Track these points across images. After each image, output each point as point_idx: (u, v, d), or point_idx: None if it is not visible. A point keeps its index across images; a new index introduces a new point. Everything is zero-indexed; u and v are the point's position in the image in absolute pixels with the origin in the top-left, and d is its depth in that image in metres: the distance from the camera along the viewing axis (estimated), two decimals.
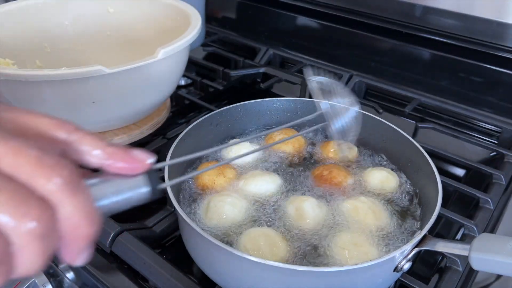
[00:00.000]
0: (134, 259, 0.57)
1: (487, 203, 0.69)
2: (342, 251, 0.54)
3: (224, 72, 1.06)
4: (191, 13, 0.82)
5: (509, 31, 0.87)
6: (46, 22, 0.88)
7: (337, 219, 0.60)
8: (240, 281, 0.51)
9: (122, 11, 0.93)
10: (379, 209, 0.61)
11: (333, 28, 1.12)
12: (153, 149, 0.79)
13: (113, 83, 0.65)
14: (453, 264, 0.59)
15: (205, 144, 0.73)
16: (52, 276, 0.64)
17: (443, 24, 0.95)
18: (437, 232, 0.69)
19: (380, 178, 0.66)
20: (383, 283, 0.54)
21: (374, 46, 1.07)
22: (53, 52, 0.89)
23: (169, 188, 0.55)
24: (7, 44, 0.80)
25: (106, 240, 0.60)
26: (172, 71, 0.75)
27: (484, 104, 0.95)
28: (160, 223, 0.65)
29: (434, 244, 0.51)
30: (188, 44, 0.73)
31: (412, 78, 1.03)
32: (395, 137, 0.71)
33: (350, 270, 0.47)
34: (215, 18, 1.34)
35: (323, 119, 0.58)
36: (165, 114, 0.85)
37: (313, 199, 0.61)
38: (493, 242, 0.47)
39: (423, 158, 0.64)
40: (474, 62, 0.95)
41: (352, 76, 1.04)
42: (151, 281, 0.57)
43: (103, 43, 0.93)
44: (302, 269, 0.45)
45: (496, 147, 0.84)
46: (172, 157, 0.60)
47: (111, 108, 0.70)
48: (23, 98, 0.66)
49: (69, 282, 0.62)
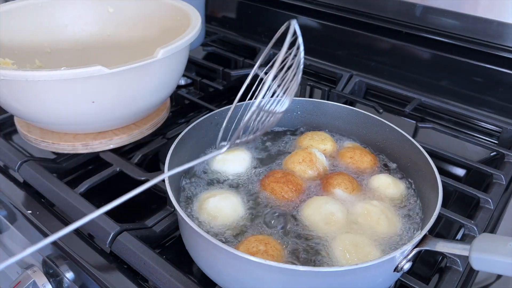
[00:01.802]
0: (134, 259, 0.57)
1: (487, 203, 0.69)
2: (343, 252, 0.54)
3: (224, 72, 1.06)
4: (191, 13, 0.82)
5: (509, 31, 0.87)
6: (46, 22, 0.88)
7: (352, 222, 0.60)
8: (240, 281, 0.51)
9: (122, 11, 0.93)
10: (391, 213, 0.61)
11: (333, 28, 1.12)
12: (152, 149, 0.79)
13: (113, 83, 0.65)
14: (453, 264, 0.59)
15: (205, 144, 0.73)
16: (52, 276, 0.64)
17: (443, 24, 0.94)
18: (437, 232, 0.69)
19: (383, 184, 0.66)
20: (383, 283, 0.54)
21: (374, 46, 1.07)
22: (53, 52, 0.89)
23: (169, 188, 0.55)
24: (7, 44, 0.80)
25: (106, 240, 0.60)
26: (172, 71, 0.75)
27: (484, 104, 0.95)
28: (160, 223, 0.65)
29: (434, 244, 0.51)
30: (188, 44, 0.73)
31: (412, 78, 1.03)
32: (395, 137, 0.71)
33: (350, 270, 0.47)
34: (215, 18, 1.34)
35: None
36: (165, 114, 0.85)
37: (333, 200, 0.61)
38: (493, 242, 0.47)
39: (423, 158, 0.63)
40: (474, 62, 0.94)
41: (352, 76, 1.04)
42: (151, 281, 0.57)
43: (103, 43, 0.93)
44: (302, 269, 0.45)
45: (496, 147, 0.84)
46: (172, 157, 0.60)
47: (111, 108, 0.70)
48: (23, 98, 0.66)
49: (69, 282, 0.62)
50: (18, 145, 0.84)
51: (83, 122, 0.71)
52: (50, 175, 0.70)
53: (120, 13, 0.93)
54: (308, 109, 0.79)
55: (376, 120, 0.73)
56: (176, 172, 0.51)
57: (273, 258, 0.52)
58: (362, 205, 0.61)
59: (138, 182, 0.71)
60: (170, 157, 0.60)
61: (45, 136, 0.76)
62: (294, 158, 0.69)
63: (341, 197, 0.63)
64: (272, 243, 0.54)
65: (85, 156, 0.78)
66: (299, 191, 0.64)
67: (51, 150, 0.76)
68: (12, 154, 0.75)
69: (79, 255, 0.60)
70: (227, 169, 0.68)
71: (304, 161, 0.68)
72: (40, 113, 0.68)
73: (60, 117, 0.69)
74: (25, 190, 0.72)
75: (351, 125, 0.77)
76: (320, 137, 0.75)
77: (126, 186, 0.75)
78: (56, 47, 0.89)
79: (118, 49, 0.93)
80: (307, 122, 0.80)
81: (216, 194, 0.62)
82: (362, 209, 0.60)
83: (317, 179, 0.68)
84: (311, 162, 0.68)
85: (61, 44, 0.90)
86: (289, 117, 0.79)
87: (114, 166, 0.74)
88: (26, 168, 0.72)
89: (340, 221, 0.59)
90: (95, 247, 0.62)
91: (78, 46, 0.92)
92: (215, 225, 0.58)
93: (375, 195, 0.65)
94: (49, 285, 0.63)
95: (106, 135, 0.76)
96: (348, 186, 0.64)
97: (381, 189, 0.65)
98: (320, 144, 0.74)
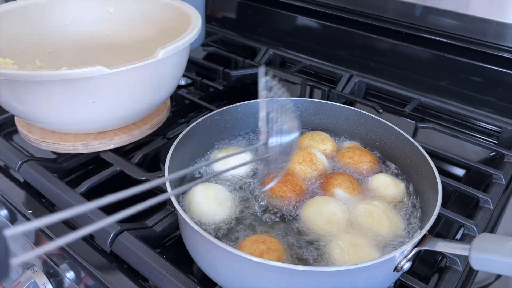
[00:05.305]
0: (134, 259, 0.57)
1: (487, 203, 0.69)
2: (342, 252, 0.54)
3: (224, 72, 1.06)
4: (191, 13, 0.82)
5: (509, 31, 0.87)
6: (46, 22, 0.88)
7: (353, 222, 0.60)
8: (240, 281, 0.51)
9: (122, 11, 0.93)
10: (393, 213, 0.61)
11: (333, 28, 1.12)
12: (153, 149, 0.80)
13: (113, 83, 0.65)
14: (453, 264, 0.59)
15: (205, 144, 0.73)
16: (52, 276, 0.64)
17: (443, 24, 0.95)
18: (437, 232, 0.69)
19: (383, 184, 0.66)
20: (383, 282, 0.54)
21: (374, 46, 1.07)
22: (53, 52, 0.89)
23: (169, 188, 0.55)
24: (7, 44, 0.80)
25: (107, 240, 0.60)
26: (172, 71, 0.75)
27: (484, 104, 0.95)
28: (160, 223, 0.65)
29: (434, 244, 0.51)
30: (188, 44, 0.73)
31: (412, 78, 1.03)
32: (395, 137, 0.71)
33: (350, 270, 0.47)
34: (215, 18, 1.34)
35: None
36: (165, 114, 0.85)
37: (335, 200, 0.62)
38: (493, 242, 0.47)
39: (423, 158, 0.64)
40: (474, 62, 0.95)
41: (352, 76, 1.04)
42: (151, 281, 0.57)
43: (103, 43, 0.93)
44: (302, 269, 0.45)
45: (496, 147, 0.84)
46: (172, 157, 0.61)
47: (111, 108, 0.70)
48: (23, 98, 0.66)
49: (69, 282, 0.62)
50: (19, 145, 0.84)
51: (83, 122, 0.71)
52: (50, 175, 0.70)
53: (120, 13, 0.93)
54: (308, 109, 0.79)
55: (376, 120, 0.74)
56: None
57: (275, 252, 0.52)
58: (363, 205, 0.61)
59: (138, 182, 0.71)
60: (170, 157, 0.60)
61: (45, 136, 0.76)
62: (294, 158, 0.69)
63: (342, 197, 0.63)
64: (269, 239, 0.54)
65: (85, 156, 0.78)
66: (298, 191, 0.64)
67: (52, 150, 0.77)
68: (12, 154, 0.75)
69: (79, 254, 0.60)
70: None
71: (304, 161, 0.68)
72: (40, 113, 0.68)
73: (61, 117, 0.69)
74: (26, 190, 0.72)
75: (351, 125, 0.77)
76: (320, 137, 0.75)
77: (127, 186, 0.75)
78: (56, 47, 0.89)
79: (118, 49, 0.93)
80: (307, 122, 0.80)
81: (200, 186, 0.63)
82: (364, 209, 0.60)
83: (317, 179, 0.68)
84: (311, 162, 0.68)
85: (61, 44, 0.90)
86: None
87: (114, 166, 0.74)
88: (27, 168, 0.72)
89: (341, 221, 0.59)
90: (96, 247, 0.62)
91: (78, 46, 0.92)
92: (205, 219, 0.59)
93: (375, 195, 0.65)
94: (49, 284, 0.63)
95: (106, 135, 0.76)
96: (348, 186, 0.64)
97: (381, 189, 0.65)
98: (320, 144, 0.74)
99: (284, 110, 0.55)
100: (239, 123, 0.77)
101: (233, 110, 0.75)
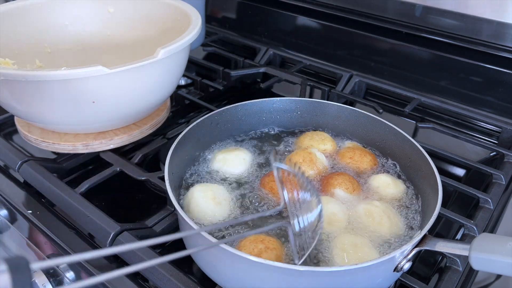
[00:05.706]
0: (134, 259, 0.57)
1: (487, 203, 0.69)
2: (342, 252, 0.54)
3: (224, 72, 1.06)
4: (191, 13, 0.82)
5: (509, 31, 0.87)
6: (46, 22, 0.88)
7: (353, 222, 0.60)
8: (240, 281, 0.51)
9: (122, 11, 0.93)
10: (393, 213, 0.61)
11: (333, 28, 1.12)
12: (153, 149, 0.80)
13: (113, 83, 0.65)
14: (453, 264, 0.59)
15: (205, 144, 0.73)
16: (52, 276, 0.64)
17: (443, 24, 0.95)
18: (437, 232, 0.69)
19: (383, 184, 0.66)
20: (383, 282, 0.54)
21: (374, 46, 1.07)
22: (53, 52, 0.89)
23: (169, 188, 0.55)
24: (7, 44, 0.80)
25: (106, 240, 0.60)
26: (172, 71, 0.75)
27: (484, 104, 0.95)
28: (160, 223, 0.65)
29: (434, 244, 0.51)
30: (188, 44, 0.73)
31: (412, 78, 1.03)
32: (395, 137, 0.71)
33: (350, 270, 0.47)
34: (215, 18, 1.34)
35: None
36: (165, 114, 0.85)
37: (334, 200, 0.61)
38: (493, 242, 0.47)
39: (423, 158, 0.64)
40: (474, 62, 0.95)
41: (352, 76, 1.04)
42: (151, 281, 0.57)
43: (103, 43, 0.93)
44: (302, 269, 0.45)
45: (496, 147, 0.84)
46: (172, 157, 0.61)
47: (111, 108, 0.70)
48: (23, 98, 0.66)
49: (69, 282, 0.62)
50: (19, 145, 0.84)
51: (83, 122, 0.71)
52: (50, 175, 0.70)
53: (120, 13, 0.93)
54: (308, 109, 0.79)
55: (376, 120, 0.74)
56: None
57: (274, 251, 0.52)
58: (363, 205, 0.61)
59: (138, 182, 0.71)
60: (170, 157, 0.60)
61: (45, 136, 0.76)
62: (295, 158, 0.69)
63: (342, 197, 0.63)
64: (267, 238, 0.54)
65: (85, 156, 0.78)
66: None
67: (52, 150, 0.77)
68: (12, 154, 0.75)
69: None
70: (227, 168, 0.68)
71: (304, 161, 0.68)
72: (40, 113, 0.68)
73: (60, 117, 0.69)
74: (26, 190, 0.72)
75: (351, 125, 0.77)
76: (320, 137, 0.75)
77: (126, 186, 0.75)
78: (56, 47, 0.89)
79: (118, 49, 0.93)
80: (307, 122, 0.80)
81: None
82: (364, 209, 0.61)
83: (317, 179, 0.68)
84: (311, 162, 0.68)
85: (61, 44, 0.90)
86: (289, 117, 0.79)
87: (114, 166, 0.74)
88: (27, 168, 0.72)
89: (342, 221, 0.59)
90: (96, 247, 0.62)
91: (79, 46, 0.92)
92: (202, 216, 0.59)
93: (375, 195, 0.65)
94: (49, 284, 0.63)
95: (106, 135, 0.76)
96: (348, 186, 0.64)
97: (381, 189, 0.65)
98: (320, 144, 0.74)
99: (303, 187, 0.52)
100: (239, 123, 0.77)
101: (233, 110, 0.75)
